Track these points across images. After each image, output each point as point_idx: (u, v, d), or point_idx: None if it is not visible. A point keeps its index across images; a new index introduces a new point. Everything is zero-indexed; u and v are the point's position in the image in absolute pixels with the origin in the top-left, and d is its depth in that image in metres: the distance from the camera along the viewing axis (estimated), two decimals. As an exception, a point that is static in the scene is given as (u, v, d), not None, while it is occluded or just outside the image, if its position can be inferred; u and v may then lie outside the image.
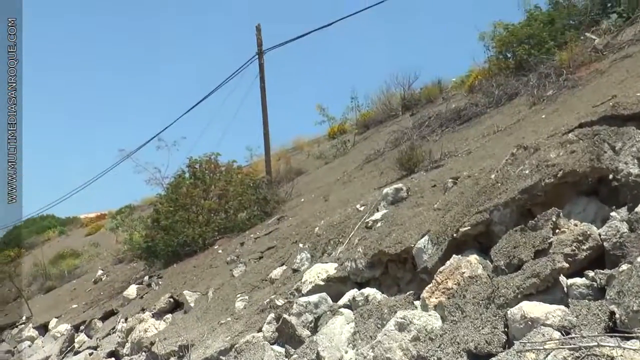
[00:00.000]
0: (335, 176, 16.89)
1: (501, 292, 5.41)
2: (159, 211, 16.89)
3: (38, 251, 35.13)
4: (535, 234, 5.73)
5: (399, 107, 21.89)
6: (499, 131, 11.27)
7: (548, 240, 5.56)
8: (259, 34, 20.60)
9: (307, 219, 12.00)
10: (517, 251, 5.72)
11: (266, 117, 20.16)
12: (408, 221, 7.98)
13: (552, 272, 5.23)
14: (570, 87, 11.64)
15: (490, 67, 16.47)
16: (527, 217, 6.14)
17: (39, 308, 21.52)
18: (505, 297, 5.35)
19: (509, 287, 5.38)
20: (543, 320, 4.84)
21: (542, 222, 5.78)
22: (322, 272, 8.27)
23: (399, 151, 12.87)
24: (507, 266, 5.72)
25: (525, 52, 14.78)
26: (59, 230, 45.82)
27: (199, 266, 13.86)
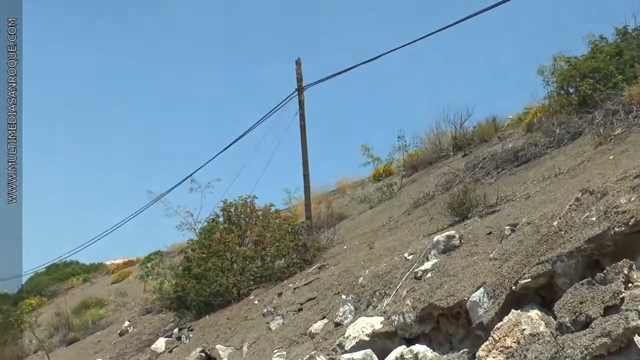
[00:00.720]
0: (380, 222, 16.82)
1: (567, 353, 5.27)
2: (191, 258, 16.95)
3: (61, 300, 35.49)
4: (605, 288, 5.59)
5: (450, 147, 21.83)
6: (561, 174, 11.13)
7: (619, 295, 5.42)
8: (299, 68, 20.76)
9: (350, 268, 11.93)
10: (584, 307, 5.58)
11: (306, 157, 20.20)
12: (461, 272, 7.88)
13: (626, 331, 5.08)
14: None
15: (551, 104, 16.35)
16: (594, 269, 6.01)
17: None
18: (571, 358, 5.21)
19: (576, 347, 5.24)
20: (615, 385, 4.70)
21: (612, 274, 5.65)
22: (366, 327, 8.18)
23: (450, 195, 12.76)
24: (573, 323, 5.58)
25: (589, 87, 14.62)
26: (83, 277, 46.36)
27: (233, 318, 13.83)
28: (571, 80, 15.44)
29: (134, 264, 42.17)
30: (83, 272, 47.98)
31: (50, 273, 48.49)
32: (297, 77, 20.72)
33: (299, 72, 20.74)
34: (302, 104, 20.51)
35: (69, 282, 45.49)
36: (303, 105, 20.51)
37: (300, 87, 20.62)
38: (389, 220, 16.35)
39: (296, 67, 20.82)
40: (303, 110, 20.45)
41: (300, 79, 20.69)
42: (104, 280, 42.22)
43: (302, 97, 20.59)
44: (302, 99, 20.57)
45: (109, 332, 23.38)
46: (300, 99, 20.56)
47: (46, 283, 46.84)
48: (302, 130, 20.32)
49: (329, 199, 26.36)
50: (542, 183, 11.20)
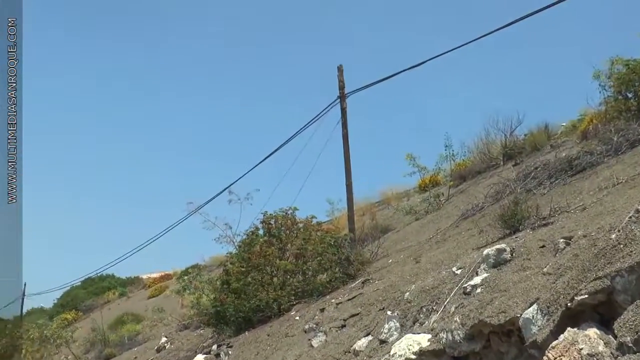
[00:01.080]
0: (427, 234, 16.74)
1: (628, 374, 5.17)
2: (230, 272, 17.01)
3: (97, 315, 35.96)
4: (669, 305, 5.49)
5: (500, 156, 21.65)
6: (619, 183, 10.97)
7: (685, 312, 5.31)
8: (340, 75, 20.75)
9: (395, 283, 11.88)
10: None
11: (349, 167, 20.18)
12: (513, 287, 7.79)
13: (692, 352, 4.97)
14: None
15: (608, 110, 16.11)
16: (657, 284, 5.89)
17: (96, 378, 21.91)
18: (633, 380, 5.11)
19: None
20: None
21: (676, 291, 5.54)
22: (413, 344, 8.13)
23: (500, 206, 12.64)
24: (635, 343, 5.47)
25: (650, 91, 14.44)
26: (119, 291, 46.93)
27: (273, 334, 13.84)
28: (630, 84, 15.21)
29: (170, 277, 42.59)
30: (119, 286, 48.58)
31: (86, 287, 49.17)
32: (339, 84, 20.71)
33: (341, 79, 20.72)
34: (345, 112, 20.48)
35: (105, 297, 46.08)
36: (345, 113, 20.48)
37: (343, 94, 20.60)
38: (436, 232, 16.27)
39: (338, 73, 20.82)
40: (345, 118, 20.42)
41: (342, 86, 20.67)
42: (140, 295, 42.65)
43: (344, 104, 20.56)
44: (345, 106, 20.54)
45: (145, 349, 23.57)
46: (342, 107, 20.54)
47: (82, 297, 47.50)
48: (345, 138, 20.29)
49: (373, 210, 26.31)
50: (599, 194, 11.04)
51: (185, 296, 24.54)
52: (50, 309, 49.24)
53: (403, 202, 26.18)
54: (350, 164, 20.22)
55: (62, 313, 42.77)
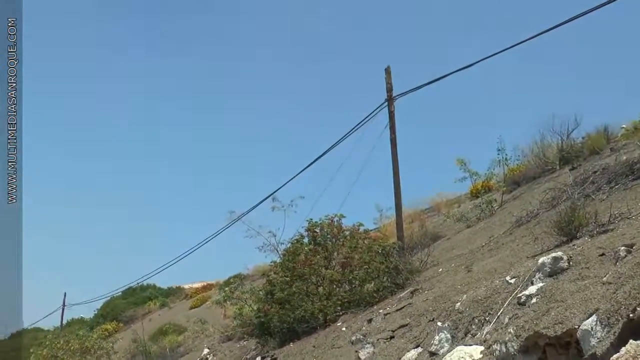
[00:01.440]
0: (479, 242, 16.65)
1: (695, 389, 5.09)
2: (274, 282, 17.09)
3: (138, 325, 36.34)
4: None
5: (556, 160, 21.42)
6: (683, 188, 10.81)
7: None
8: (388, 77, 20.69)
9: (446, 293, 11.84)
10: None
11: (397, 173, 20.12)
12: (570, 297, 7.71)
13: None
14: None
15: (672, 111, 15.87)
16: None
17: (138, 390, 22.15)
18: (699, 395, 5.03)
19: None
20: None
21: None
22: (465, 357, 8.10)
23: (557, 212, 12.53)
24: (700, 355, 5.39)
25: None
26: (160, 301, 47.32)
27: (319, 346, 13.88)
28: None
29: (212, 288, 42.87)
30: (160, 296, 49.02)
31: (126, 297, 49.72)
32: (387, 87, 20.65)
33: (389, 81, 20.66)
34: (393, 115, 20.42)
35: (146, 307, 46.52)
36: (393, 117, 20.42)
37: (390, 97, 20.53)
38: (488, 240, 16.17)
39: (385, 75, 20.76)
40: (393, 122, 20.36)
41: (390, 88, 20.61)
42: (181, 305, 43.01)
43: (392, 107, 20.49)
44: (393, 109, 20.48)
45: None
46: (390, 110, 20.48)
47: (122, 307, 48.04)
48: (393, 143, 20.24)
49: (423, 217, 26.25)
50: (662, 199, 10.89)
51: (228, 307, 24.67)
52: (91, 320, 49.92)
53: (454, 208, 26.07)
54: (399, 169, 20.17)
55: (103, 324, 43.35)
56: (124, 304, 48.19)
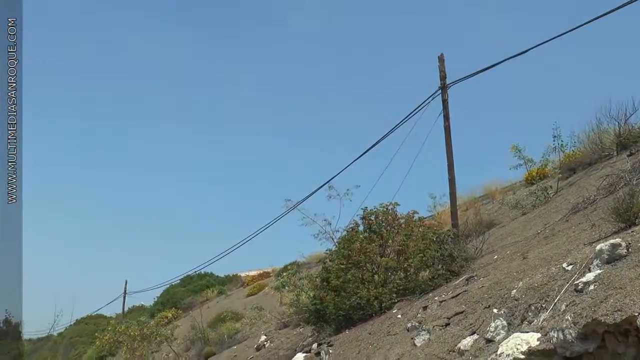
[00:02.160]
0: (535, 229, 16.46)
1: None
2: (329, 269, 17.13)
3: (196, 313, 36.72)
4: None
5: (613, 146, 21.02)
6: None
7: None
8: (441, 65, 20.51)
9: (501, 280, 11.74)
10: None
11: (451, 161, 19.96)
12: (629, 284, 7.59)
13: None
14: None
15: None
16: None
17: (197, 376, 22.40)
18: None
19: None
20: None
21: None
22: (521, 344, 8.03)
23: (614, 199, 12.33)
24: None
25: None
26: (218, 289, 47.74)
27: (374, 333, 13.88)
28: None
29: (269, 275, 43.15)
30: (218, 284, 49.46)
31: (185, 285, 50.30)
32: (440, 75, 20.48)
33: (442, 69, 20.48)
34: (446, 103, 20.26)
35: (204, 295, 46.98)
36: (447, 105, 20.25)
37: (444, 85, 20.36)
38: (544, 227, 15.99)
39: (439, 63, 20.58)
40: (447, 110, 20.20)
41: (443, 76, 20.43)
42: (239, 293, 43.34)
43: (445, 95, 20.32)
44: (446, 97, 20.30)
45: (245, 347, 23.97)
46: (444, 98, 20.31)
47: (181, 295, 48.61)
48: (447, 131, 20.09)
49: (477, 205, 26.04)
50: None
51: (284, 294, 24.81)
52: (151, 307, 50.67)
53: (508, 196, 25.79)
54: (453, 157, 20.01)
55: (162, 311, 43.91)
56: (183, 292, 48.74)
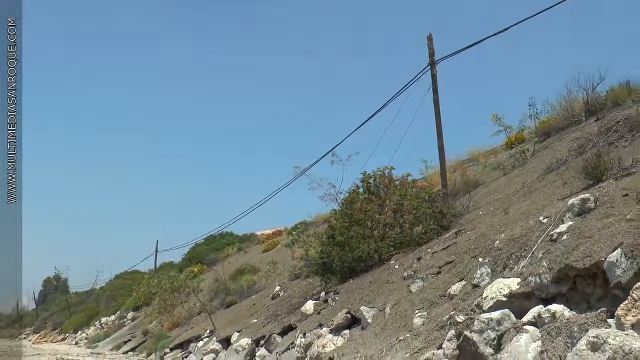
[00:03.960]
0: (514, 187, 16.48)
1: None
2: (334, 227, 17.17)
3: (219, 267, 36.93)
4: None
5: (583, 113, 20.92)
6: (699, 134, 10.53)
7: None
8: (430, 44, 20.37)
9: (486, 233, 11.79)
10: None
11: (440, 129, 19.90)
12: (597, 233, 7.63)
13: None
14: None
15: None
16: None
17: (221, 322, 22.59)
18: None
19: None
20: None
21: None
22: (504, 288, 8.08)
23: (584, 159, 12.32)
24: None
25: None
26: (237, 247, 47.87)
27: (375, 282, 13.96)
28: None
29: (282, 234, 43.23)
30: (237, 242, 49.60)
31: (208, 243, 50.50)
32: (430, 52, 20.34)
33: (431, 47, 20.34)
34: (435, 78, 20.14)
35: (225, 252, 47.14)
36: (436, 80, 20.13)
37: (433, 62, 20.23)
38: (523, 186, 16.00)
39: (428, 42, 20.44)
40: (436, 85, 20.08)
41: (432, 54, 20.30)
42: (255, 250, 43.45)
43: (434, 71, 20.20)
44: (435, 73, 20.19)
45: (262, 296, 24.13)
46: (433, 73, 20.19)
47: (206, 252, 48.81)
48: (436, 103, 20.00)
49: (464, 167, 25.99)
50: (679, 144, 10.63)
51: (295, 249, 24.88)
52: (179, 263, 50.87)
53: (491, 159, 25.74)
54: (442, 126, 19.93)
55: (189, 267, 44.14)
56: (207, 250, 48.92)
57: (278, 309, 18.76)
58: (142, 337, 31.48)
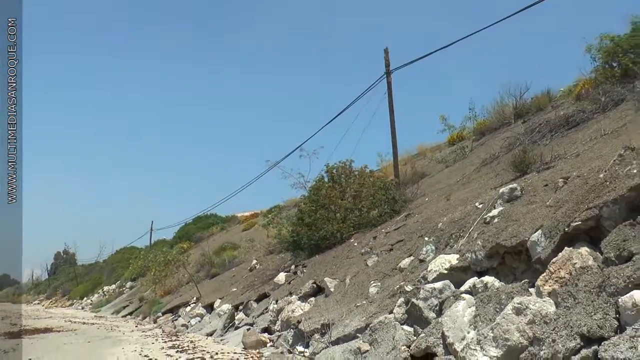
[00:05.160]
0: (455, 178, 16.63)
1: (612, 282, 5.15)
2: (303, 210, 17.19)
3: (205, 244, 36.76)
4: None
5: (512, 116, 21.16)
6: (605, 135, 10.72)
7: (657, 233, 5.25)
8: (387, 56, 20.40)
9: (431, 216, 11.89)
10: (627, 244, 5.42)
11: (394, 128, 19.98)
12: (522, 217, 7.76)
13: (662, 263, 4.93)
14: (675, 92, 10.90)
15: (597, 77, 15.61)
16: (635, 212, 5.81)
17: (205, 290, 22.51)
18: (615, 287, 5.09)
19: (620, 277, 5.11)
20: (653, 307, 4.57)
21: (650, 217, 5.47)
22: (445, 262, 8.19)
23: (512, 155, 12.50)
24: (617, 258, 5.44)
25: (630, 60, 13.97)
26: (220, 226, 47.63)
27: (337, 257, 14.01)
28: (614, 55, 14.73)
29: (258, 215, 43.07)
30: (220, 222, 49.33)
31: (196, 223, 50.17)
32: (386, 63, 20.37)
33: (387, 59, 20.37)
34: (390, 85, 20.18)
35: (210, 230, 46.86)
36: (391, 86, 20.18)
37: (388, 71, 20.27)
38: (462, 176, 16.15)
39: (385, 55, 20.49)
40: (391, 91, 20.14)
41: (388, 64, 20.34)
42: (236, 229, 43.24)
43: (389, 79, 20.26)
44: (390, 80, 20.25)
45: (241, 269, 24.06)
46: (388, 81, 20.22)
47: (193, 231, 48.48)
48: (390, 105, 20.04)
49: (413, 160, 26.10)
50: (590, 143, 10.82)
51: (270, 229, 24.82)
52: (171, 240, 50.46)
53: (436, 153, 25.91)
54: (395, 125, 20.00)
55: (179, 243, 43.81)
56: (195, 228, 48.54)
57: (254, 280, 18.74)
58: (139, 303, 31.18)
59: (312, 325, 9.86)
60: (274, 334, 12.17)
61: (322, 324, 9.52)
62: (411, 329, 7.48)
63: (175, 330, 17.99)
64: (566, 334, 5.12)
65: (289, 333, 10.96)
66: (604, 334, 4.86)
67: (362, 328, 8.31)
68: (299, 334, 10.45)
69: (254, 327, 13.34)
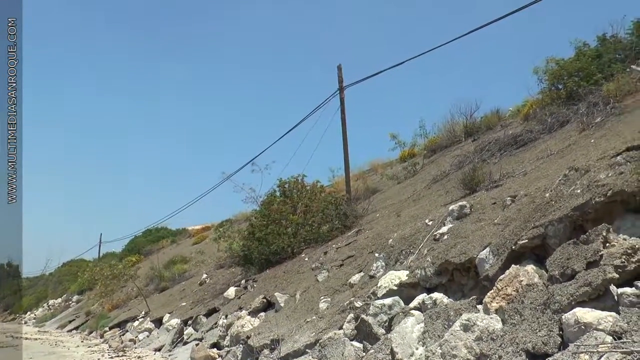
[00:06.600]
0: (406, 195, 16.75)
1: (556, 299, 5.24)
2: (254, 225, 17.10)
3: (154, 257, 36.15)
4: (587, 247, 5.54)
5: (462, 134, 21.53)
6: (551, 154, 10.96)
7: (599, 253, 5.36)
8: (340, 72, 20.56)
9: (381, 232, 11.93)
10: (571, 262, 5.53)
11: (346, 143, 20.11)
12: (471, 234, 7.85)
13: (603, 282, 5.03)
14: (617, 115, 11.25)
15: (544, 98, 16.02)
16: (579, 231, 5.95)
17: (155, 305, 22.10)
18: (559, 304, 5.18)
19: (563, 294, 5.21)
20: (595, 325, 4.65)
21: (593, 236, 5.58)
22: (395, 279, 8.21)
23: (462, 173, 12.66)
24: (561, 275, 5.54)
25: (575, 83, 14.39)
26: (170, 239, 46.99)
27: (288, 272, 13.94)
28: (560, 78, 15.16)
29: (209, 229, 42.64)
30: (171, 235, 48.67)
31: (146, 236, 49.35)
32: (339, 79, 20.52)
33: (340, 75, 20.52)
34: (343, 101, 20.32)
35: (160, 244, 46.17)
36: (343, 102, 20.32)
37: (341, 88, 20.41)
38: (412, 193, 16.28)
39: (338, 71, 20.63)
40: (343, 106, 20.28)
41: (341, 80, 20.48)
42: (186, 242, 42.71)
43: (342, 95, 20.39)
44: (343, 97, 20.39)
45: (191, 283, 23.73)
46: (341, 97, 20.36)
47: (143, 244, 47.68)
48: (343, 121, 20.18)
49: (365, 176, 26.23)
50: (537, 162, 11.04)
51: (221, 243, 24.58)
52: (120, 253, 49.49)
53: (387, 170, 26.12)
54: (347, 141, 20.13)
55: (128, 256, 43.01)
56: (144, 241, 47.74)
57: (204, 294, 18.50)
58: (85, 317, 30.42)
59: (262, 340, 9.74)
60: (223, 349, 11.98)
61: (272, 340, 9.43)
62: (360, 345, 7.46)
63: (123, 345, 17.57)
64: (512, 350, 5.17)
65: (238, 348, 10.81)
66: (547, 351, 4.93)
67: (312, 344, 8.25)
68: (248, 349, 10.31)
69: (203, 342, 13.12)
